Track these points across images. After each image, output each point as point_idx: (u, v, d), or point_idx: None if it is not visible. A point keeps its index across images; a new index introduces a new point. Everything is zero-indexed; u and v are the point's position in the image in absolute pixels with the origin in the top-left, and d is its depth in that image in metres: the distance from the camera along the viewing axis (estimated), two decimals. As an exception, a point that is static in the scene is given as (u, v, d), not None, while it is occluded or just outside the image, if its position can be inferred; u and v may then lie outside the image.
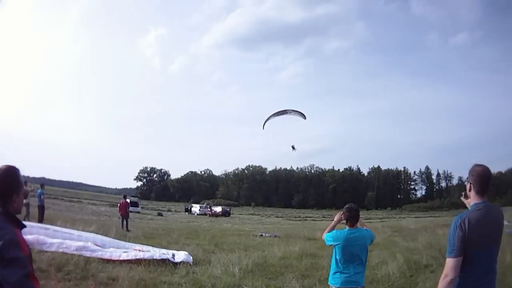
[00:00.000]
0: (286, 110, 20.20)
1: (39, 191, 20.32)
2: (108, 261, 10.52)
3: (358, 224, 5.38)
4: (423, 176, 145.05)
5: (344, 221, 5.38)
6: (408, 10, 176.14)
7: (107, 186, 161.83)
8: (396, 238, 22.50)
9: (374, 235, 5.53)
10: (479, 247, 3.28)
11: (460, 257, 3.25)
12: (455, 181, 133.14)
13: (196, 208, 67.53)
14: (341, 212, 5.43)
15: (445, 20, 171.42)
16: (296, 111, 20.05)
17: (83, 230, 15.33)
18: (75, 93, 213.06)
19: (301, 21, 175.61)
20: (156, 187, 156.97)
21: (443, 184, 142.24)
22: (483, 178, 3.42)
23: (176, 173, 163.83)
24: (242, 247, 16.18)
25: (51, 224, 16.33)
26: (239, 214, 77.06)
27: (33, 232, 11.78)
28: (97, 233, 14.81)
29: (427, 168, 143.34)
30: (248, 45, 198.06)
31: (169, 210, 67.98)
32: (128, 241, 14.42)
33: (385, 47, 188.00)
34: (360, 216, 5.43)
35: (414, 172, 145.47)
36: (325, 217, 73.17)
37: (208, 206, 69.86)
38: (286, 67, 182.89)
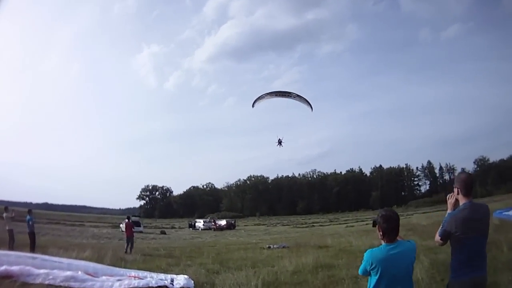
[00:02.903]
0: (289, 92, 18.76)
1: (28, 217, 19.13)
2: (99, 292, 9.38)
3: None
4: (426, 171, 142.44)
5: (380, 235, 4.06)
6: (397, 8, 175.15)
7: (111, 207, 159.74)
8: (412, 237, 21.35)
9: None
10: (467, 236, 4.29)
11: (444, 241, 4.54)
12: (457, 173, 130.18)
13: (200, 223, 66.11)
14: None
15: (435, 14, 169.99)
16: (302, 97, 18.64)
17: (76, 256, 14.52)
18: (71, 116, 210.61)
19: (292, 28, 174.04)
20: (159, 205, 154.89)
21: (447, 177, 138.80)
22: (467, 184, 4.51)
23: (178, 189, 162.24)
24: (249, 263, 14.95)
25: (43, 251, 15.55)
26: (245, 225, 75.75)
27: (20, 263, 10.84)
28: (91, 259, 13.83)
29: (429, 162, 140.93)
30: (242, 56, 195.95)
31: (172, 227, 66.71)
32: (125, 266, 13.29)
33: (378, 47, 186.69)
34: (367, 216, 4.11)
35: (417, 167, 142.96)
36: (332, 221, 71.92)
37: (212, 220, 68.59)
38: (281, 75, 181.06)
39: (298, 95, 18.63)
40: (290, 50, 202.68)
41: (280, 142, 20.81)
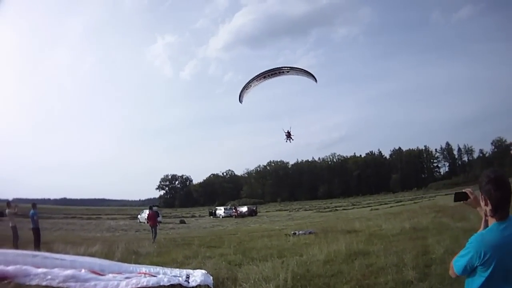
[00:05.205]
0: (280, 68, 16.76)
1: (31, 212, 17.99)
2: (102, 293, 8.11)
3: None
4: (445, 152, 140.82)
5: (486, 210, 2.59)
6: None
7: (130, 199, 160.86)
8: (443, 219, 20.30)
9: None
10: None
11: None
12: (476, 154, 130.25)
13: (220, 210, 64.96)
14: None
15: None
16: (300, 69, 16.60)
17: (84, 252, 13.34)
18: (88, 109, 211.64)
19: (306, 13, 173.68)
20: (179, 194, 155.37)
21: (465, 158, 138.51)
22: None
23: (198, 178, 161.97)
24: (275, 252, 13.55)
25: (49, 247, 14.60)
26: (266, 211, 74.57)
27: (18, 262, 9.73)
28: (100, 255, 12.75)
29: (447, 144, 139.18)
30: (257, 43, 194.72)
31: (193, 216, 65.84)
32: (137, 261, 11.96)
33: (391, 29, 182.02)
34: (389, 199, 2.53)
35: (436, 149, 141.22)
36: (354, 205, 70.44)
37: (233, 207, 67.54)
38: (297, 60, 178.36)
39: (292, 68, 16.62)
40: (305, 35, 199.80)
41: (289, 136, 18.94)
